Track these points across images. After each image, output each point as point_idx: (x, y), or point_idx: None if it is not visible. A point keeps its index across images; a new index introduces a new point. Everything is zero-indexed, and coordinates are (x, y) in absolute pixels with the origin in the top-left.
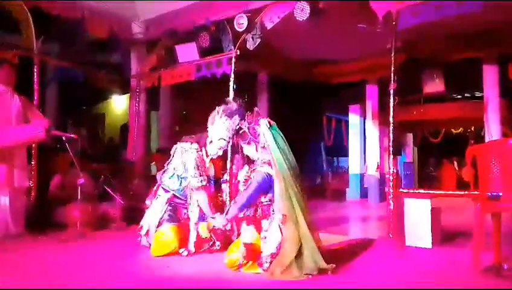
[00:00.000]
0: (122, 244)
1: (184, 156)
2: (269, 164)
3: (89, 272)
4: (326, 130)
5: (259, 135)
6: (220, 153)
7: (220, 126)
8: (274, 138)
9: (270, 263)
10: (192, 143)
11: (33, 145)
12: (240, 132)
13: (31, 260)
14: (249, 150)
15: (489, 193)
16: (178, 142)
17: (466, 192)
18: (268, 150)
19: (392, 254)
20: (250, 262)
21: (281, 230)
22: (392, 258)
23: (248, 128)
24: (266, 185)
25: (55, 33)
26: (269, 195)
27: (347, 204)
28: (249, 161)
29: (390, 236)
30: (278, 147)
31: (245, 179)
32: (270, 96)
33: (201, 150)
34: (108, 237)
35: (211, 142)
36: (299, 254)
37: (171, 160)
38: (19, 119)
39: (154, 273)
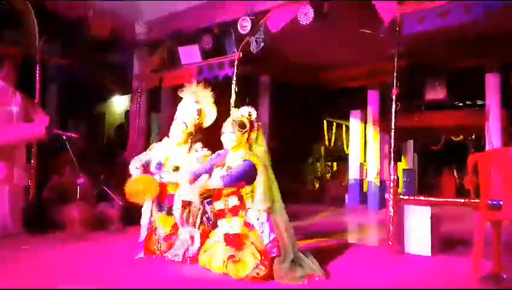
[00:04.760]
0: (121, 246)
1: None
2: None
3: (86, 272)
4: (327, 135)
5: (255, 130)
6: (180, 136)
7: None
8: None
9: (277, 247)
10: None
11: (33, 144)
12: (237, 118)
13: (27, 259)
14: (233, 138)
15: (490, 201)
16: None
17: (467, 200)
18: (259, 147)
19: (391, 261)
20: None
21: (269, 217)
22: (391, 265)
23: (251, 121)
24: (252, 174)
25: (58, 32)
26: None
27: (346, 210)
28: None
29: (390, 243)
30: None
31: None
32: (271, 99)
33: None
34: (106, 237)
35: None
36: (295, 254)
37: None
38: (20, 117)
39: (151, 274)
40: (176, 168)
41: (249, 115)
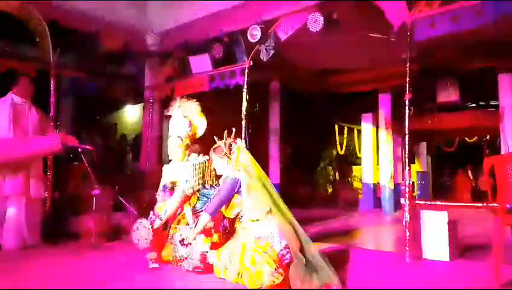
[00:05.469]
0: (136, 255)
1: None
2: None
3: (102, 283)
4: (338, 139)
5: (233, 151)
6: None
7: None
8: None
9: (289, 253)
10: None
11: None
12: (215, 146)
13: (45, 271)
14: (219, 163)
15: (508, 205)
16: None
17: (485, 204)
18: (244, 164)
19: (409, 267)
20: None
21: (277, 225)
22: (409, 271)
23: (224, 143)
24: (234, 189)
25: (71, 45)
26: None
27: (360, 214)
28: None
29: (407, 249)
30: (253, 164)
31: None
32: (282, 105)
33: None
34: (122, 248)
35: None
36: (307, 258)
37: None
38: (36, 131)
39: (167, 284)
40: (173, 184)
41: (226, 139)
